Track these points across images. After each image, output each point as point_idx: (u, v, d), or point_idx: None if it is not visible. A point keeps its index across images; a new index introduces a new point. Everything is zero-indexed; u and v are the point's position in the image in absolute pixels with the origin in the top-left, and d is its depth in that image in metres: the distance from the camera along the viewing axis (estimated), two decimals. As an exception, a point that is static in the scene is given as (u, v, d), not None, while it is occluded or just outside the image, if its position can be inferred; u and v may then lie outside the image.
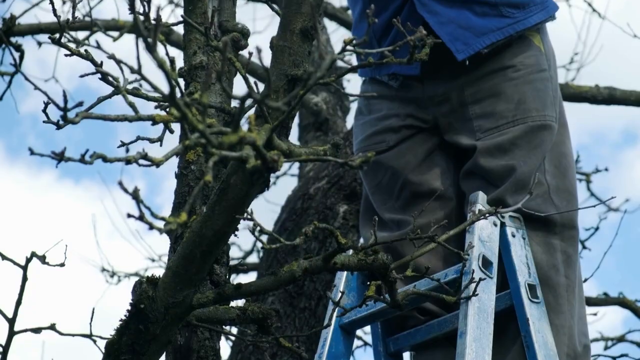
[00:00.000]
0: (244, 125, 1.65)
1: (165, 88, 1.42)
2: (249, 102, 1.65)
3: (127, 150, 1.75)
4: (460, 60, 3.17)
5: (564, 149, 3.28)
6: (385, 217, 3.33)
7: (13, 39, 5.85)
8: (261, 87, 2.30)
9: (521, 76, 3.23)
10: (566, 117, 3.37)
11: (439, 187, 3.27)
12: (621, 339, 6.27)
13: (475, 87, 3.24)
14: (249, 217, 2.21)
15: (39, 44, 6.78)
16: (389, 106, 3.40)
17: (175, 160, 2.68)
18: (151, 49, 1.28)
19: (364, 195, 3.51)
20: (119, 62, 2.13)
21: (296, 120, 6.42)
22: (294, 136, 6.67)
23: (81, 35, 6.34)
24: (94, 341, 2.99)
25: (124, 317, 2.30)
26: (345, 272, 3.17)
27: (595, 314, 5.91)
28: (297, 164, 6.66)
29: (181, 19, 2.58)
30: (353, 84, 10.35)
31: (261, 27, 20.04)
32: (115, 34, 6.05)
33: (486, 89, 3.23)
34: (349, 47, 1.94)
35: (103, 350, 2.32)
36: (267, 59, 2.36)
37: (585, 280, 5.31)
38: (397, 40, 3.17)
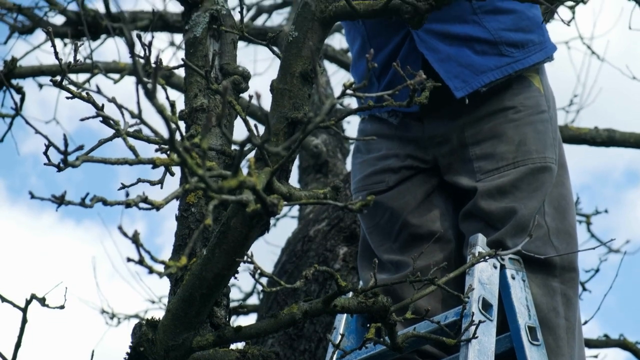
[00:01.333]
0: (244, 168, 1.66)
1: (165, 131, 1.43)
2: (249, 145, 1.66)
3: (127, 194, 1.76)
4: (459, 98, 3.18)
5: (563, 190, 3.28)
6: (384, 258, 3.33)
7: (14, 81, 5.88)
8: (261, 129, 2.31)
9: (522, 117, 3.24)
10: (565, 158, 3.37)
11: (438, 229, 3.27)
12: (622, 382, 6.24)
13: (475, 128, 3.24)
14: (249, 259, 2.21)
15: (40, 86, 6.81)
16: (388, 146, 3.40)
17: (176, 202, 2.69)
18: (151, 95, 1.29)
19: (362, 236, 3.50)
20: (119, 106, 2.15)
21: (296, 162, 6.43)
22: (294, 178, 6.68)
23: (82, 77, 6.37)
24: (94, 384, 2.97)
25: (123, 360, 2.29)
26: (345, 315, 3.16)
27: (595, 357, 5.88)
28: (297, 206, 6.65)
29: (182, 62, 2.60)
30: (353, 125, 10.36)
31: (262, 68, 20.12)
32: (116, 76, 6.09)
33: (487, 130, 3.23)
34: (348, 91, 1.95)
35: (103, 393, 2.32)
36: (267, 101, 2.38)
37: (586, 322, 5.30)
38: (396, 77, 3.20)
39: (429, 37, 3.21)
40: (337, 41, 18.65)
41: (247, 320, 7.65)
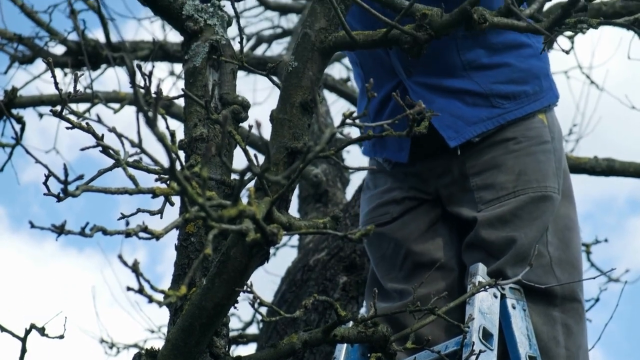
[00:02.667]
0: (244, 197, 1.66)
1: (165, 161, 1.43)
2: (248, 175, 1.66)
3: (127, 224, 1.76)
4: (452, 147, 3.21)
5: (568, 221, 3.29)
6: (388, 287, 3.33)
7: (14, 111, 5.89)
8: (261, 158, 2.31)
9: (522, 148, 3.25)
10: (573, 191, 3.38)
11: (440, 257, 3.28)
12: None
13: (476, 160, 3.26)
14: (248, 289, 2.21)
15: (40, 115, 6.82)
16: (392, 179, 3.44)
17: (175, 231, 2.68)
18: (152, 124, 1.29)
19: (370, 270, 3.52)
20: (119, 135, 2.15)
21: (296, 191, 6.43)
22: (293, 207, 6.68)
23: (82, 106, 6.38)
24: (93, 414, 2.96)
25: (122, 390, 2.29)
26: (345, 344, 3.15)
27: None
28: (297, 235, 6.65)
29: (182, 92, 2.60)
30: (353, 155, 10.38)
31: (261, 98, 20.15)
32: (116, 105, 6.10)
33: (487, 161, 3.25)
34: (348, 121, 1.96)
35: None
36: (267, 130, 2.38)
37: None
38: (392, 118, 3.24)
39: (421, 89, 3.25)
40: (337, 70, 18.70)
41: (247, 350, 7.64)
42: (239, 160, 3.62)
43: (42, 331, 2.76)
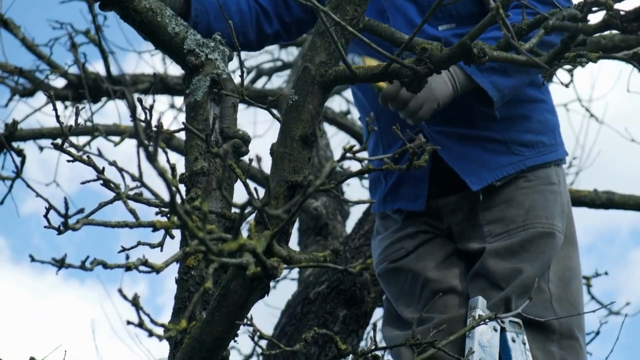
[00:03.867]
0: (244, 230, 1.66)
1: (166, 194, 1.44)
2: (249, 208, 1.66)
3: (128, 257, 1.76)
4: (475, 190, 3.23)
5: (570, 263, 3.30)
6: (408, 318, 3.33)
7: (15, 144, 5.90)
8: (261, 192, 2.32)
9: (532, 186, 3.28)
10: (576, 236, 3.39)
11: (458, 285, 3.28)
12: None
13: (487, 196, 3.28)
14: (248, 322, 2.21)
15: (41, 148, 6.83)
16: (403, 219, 3.45)
17: (176, 264, 2.68)
18: (152, 159, 1.30)
19: (385, 297, 3.52)
20: (120, 169, 2.15)
21: (296, 224, 6.43)
22: (293, 240, 6.68)
23: (83, 139, 6.39)
24: None
25: None
26: (346, 377, 3.15)
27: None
28: (297, 268, 6.65)
29: (182, 125, 2.61)
30: (352, 188, 10.38)
31: (262, 130, 20.19)
32: (116, 138, 6.11)
33: (498, 197, 3.27)
34: (348, 154, 1.96)
35: None
36: (267, 163, 2.39)
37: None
38: (411, 178, 3.33)
39: (441, 137, 3.27)
40: (337, 103, 18.77)
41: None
42: (239, 193, 3.63)
43: (41, 365, 2.75)
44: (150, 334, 1.55)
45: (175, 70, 7.81)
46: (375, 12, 3.19)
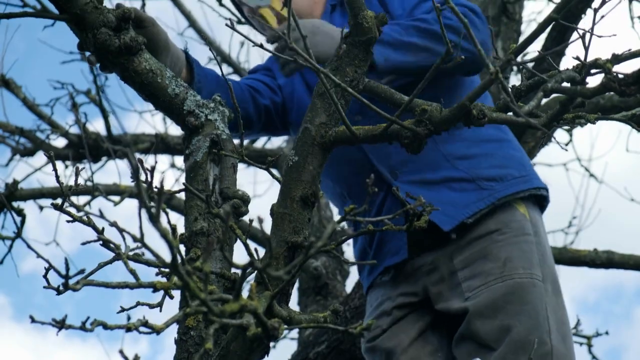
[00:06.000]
0: (244, 290, 1.66)
1: (166, 255, 1.44)
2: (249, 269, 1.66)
3: (129, 318, 1.76)
4: (447, 230, 3.23)
5: (563, 316, 3.27)
6: None
7: (15, 203, 5.91)
8: (261, 251, 2.32)
9: (506, 238, 3.26)
10: (560, 287, 3.37)
11: None
12: None
13: (463, 255, 3.27)
14: (248, 384, 2.20)
15: (41, 208, 6.84)
16: (382, 292, 3.46)
17: (175, 324, 2.68)
18: (155, 220, 1.30)
19: None
20: (121, 230, 2.16)
21: (296, 284, 6.43)
22: (293, 299, 6.66)
23: (83, 199, 6.41)
24: None
25: None
26: None
27: None
28: (297, 328, 6.63)
29: (183, 186, 2.62)
30: (352, 247, 10.39)
31: (261, 190, 20.19)
32: (116, 197, 6.13)
33: (474, 254, 3.26)
34: (348, 216, 1.97)
35: None
36: (267, 223, 2.39)
37: None
38: (385, 235, 3.37)
39: (408, 186, 3.27)
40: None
41: None
42: (238, 251, 3.64)
43: None
44: (150, 395, 1.55)
45: (175, 130, 7.85)
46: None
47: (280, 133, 3.71)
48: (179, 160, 8.00)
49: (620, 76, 1.97)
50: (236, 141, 2.72)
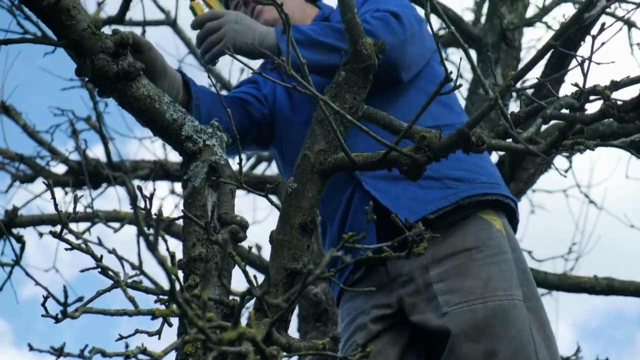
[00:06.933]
0: (243, 317, 1.66)
1: (164, 282, 1.44)
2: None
3: (127, 346, 1.75)
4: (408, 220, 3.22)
5: (546, 330, 3.25)
6: None
7: (14, 230, 5.91)
8: (260, 278, 2.32)
9: (485, 257, 3.24)
10: (541, 300, 3.36)
11: None
12: None
13: (440, 268, 3.24)
14: (247, 412, 2.19)
15: (40, 234, 6.84)
16: (355, 306, 3.42)
17: (173, 352, 2.67)
18: (153, 248, 1.30)
19: None
20: (120, 258, 2.15)
21: (296, 310, 6.42)
22: (293, 326, 6.65)
23: (82, 225, 6.41)
24: None
25: None
26: None
27: None
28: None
29: (182, 213, 2.62)
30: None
31: (261, 216, 20.21)
32: (116, 224, 6.13)
33: (451, 269, 3.23)
34: (347, 244, 1.97)
35: None
36: (266, 250, 2.39)
37: None
38: (353, 226, 3.34)
39: (376, 180, 3.29)
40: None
41: None
42: (237, 278, 3.63)
43: None
44: None
45: (175, 156, 7.87)
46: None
47: (269, 144, 3.71)
48: (179, 186, 8.02)
49: (619, 103, 1.97)
50: (235, 167, 2.72)
